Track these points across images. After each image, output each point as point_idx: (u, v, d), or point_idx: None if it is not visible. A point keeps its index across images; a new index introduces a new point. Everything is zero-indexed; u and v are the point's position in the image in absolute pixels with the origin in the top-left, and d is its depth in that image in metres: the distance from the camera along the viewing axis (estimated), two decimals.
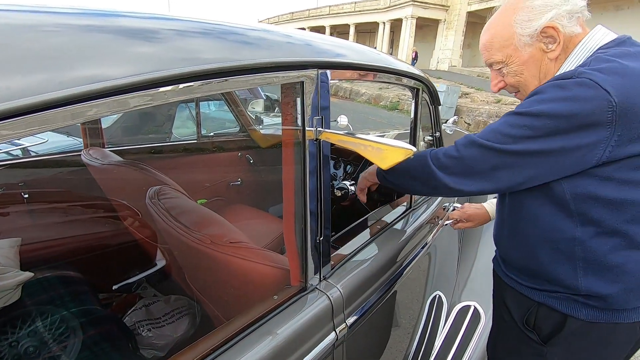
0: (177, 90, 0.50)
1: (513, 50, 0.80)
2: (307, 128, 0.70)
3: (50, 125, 0.39)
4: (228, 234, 0.88)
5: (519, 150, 0.73)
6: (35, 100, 0.37)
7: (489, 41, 0.83)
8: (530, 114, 0.71)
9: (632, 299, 0.76)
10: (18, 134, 0.38)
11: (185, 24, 0.58)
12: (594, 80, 0.66)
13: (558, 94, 0.69)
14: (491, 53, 0.83)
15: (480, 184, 0.79)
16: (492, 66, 0.86)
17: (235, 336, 0.64)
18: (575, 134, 0.68)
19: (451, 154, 0.81)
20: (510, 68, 0.82)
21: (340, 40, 0.93)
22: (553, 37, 0.77)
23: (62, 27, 0.44)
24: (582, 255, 0.76)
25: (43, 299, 1.23)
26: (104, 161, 1.45)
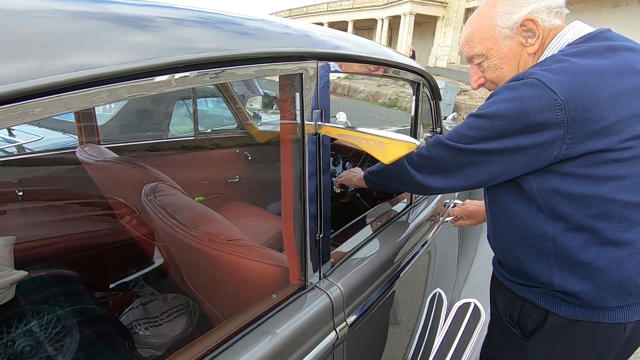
0: (173, 80, 0.49)
1: (494, 43, 0.82)
2: (306, 122, 0.68)
3: (41, 114, 0.38)
4: (225, 232, 0.86)
5: (478, 150, 0.76)
6: (24, 86, 0.36)
7: (470, 34, 0.86)
8: (485, 115, 0.75)
9: (607, 297, 0.75)
10: (6, 123, 0.36)
11: (181, 12, 0.56)
12: (540, 80, 0.69)
13: (508, 94, 0.73)
14: (472, 46, 0.85)
15: (450, 180, 0.83)
16: (473, 60, 0.88)
17: (233, 336, 0.62)
18: (528, 133, 0.71)
19: (423, 153, 0.87)
20: (491, 62, 0.84)
21: (340, 32, 0.90)
22: (532, 30, 0.79)
23: (54, 12, 0.42)
24: (554, 251, 0.77)
25: (38, 298, 1.21)
26: (100, 158, 1.43)
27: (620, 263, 0.72)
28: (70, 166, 1.70)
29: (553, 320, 0.82)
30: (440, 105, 1.38)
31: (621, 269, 0.73)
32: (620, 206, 0.71)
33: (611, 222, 0.72)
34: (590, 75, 0.67)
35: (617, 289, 0.74)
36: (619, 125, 0.67)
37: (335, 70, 0.74)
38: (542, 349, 0.86)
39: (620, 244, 0.72)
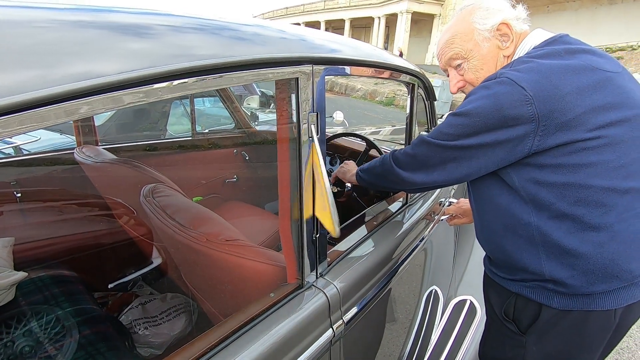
0: (172, 86, 0.50)
1: (474, 45, 0.88)
2: (302, 124, 0.69)
3: (43, 123, 0.39)
4: (224, 232, 0.87)
5: (458, 146, 0.81)
6: (26, 97, 0.37)
7: (450, 38, 0.91)
8: (463, 113, 0.80)
9: (595, 282, 0.78)
10: (9, 133, 0.37)
11: (179, 19, 0.57)
12: (510, 78, 0.75)
13: (483, 93, 0.79)
14: (452, 47, 0.91)
15: (432, 175, 0.88)
16: (451, 63, 0.93)
17: (232, 334, 0.63)
18: (503, 128, 0.76)
19: (407, 152, 0.92)
20: (471, 63, 0.90)
21: (335, 36, 0.92)
22: (507, 35, 0.87)
23: (53, 23, 0.43)
24: (541, 240, 0.80)
25: (37, 299, 1.21)
26: (98, 159, 1.43)
27: (603, 247, 0.76)
28: (68, 167, 1.71)
29: (546, 313, 0.84)
30: (434, 105, 1.39)
31: (604, 252, 0.76)
32: (596, 191, 0.75)
33: (589, 208, 0.76)
34: (553, 73, 0.74)
35: (603, 273, 0.77)
36: (583, 117, 0.72)
37: (331, 73, 0.76)
38: (538, 342, 0.88)
39: (601, 227, 0.76)
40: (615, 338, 0.90)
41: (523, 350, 0.91)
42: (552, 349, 0.88)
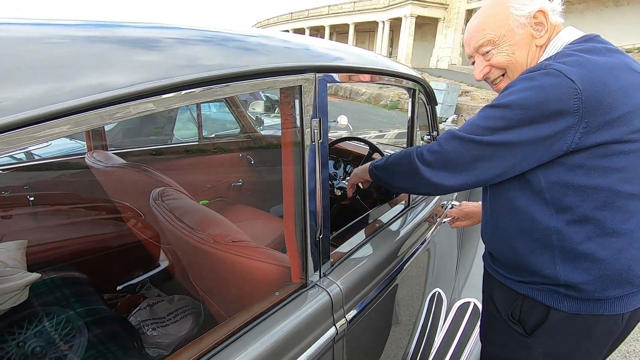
0: (180, 96, 0.52)
1: (507, 31, 0.84)
2: (306, 130, 0.72)
3: (59, 134, 0.41)
4: (230, 234, 0.90)
5: (496, 141, 0.76)
6: (44, 111, 0.39)
7: (482, 23, 0.87)
8: (503, 105, 0.76)
9: (609, 287, 0.77)
10: (27, 143, 0.39)
11: (186, 32, 0.60)
12: (558, 70, 0.72)
13: (526, 84, 0.75)
14: (483, 33, 0.86)
15: (462, 177, 0.82)
16: (479, 50, 0.89)
17: (238, 331, 0.66)
18: (546, 122, 0.72)
19: (434, 149, 0.85)
20: (502, 48, 0.85)
21: (338, 44, 0.95)
22: (542, 24, 0.83)
23: (65, 38, 0.46)
24: (558, 244, 0.79)
25: (50, 300, 1.25)
26: (108, 163, 1.47)
27: (621, 252, 0.75)
28: (79, 171, 1.76)
29: (555, 316, 0.84)
30: (436, 109, 1.42)
31: (622, 258, 0.76)
32: (623, 197, 0.74)
33: (613, 213, 0.74)
34: (600, 69, 0.71)
35: (617, 279, 0.77)
36: (628, 116, 0.71)
37: (333, 81, 0.79)
38: (544, 345, 0.88)
39: (621, 233, 0.75)
40: (618, 340, 0.91)
41: (527, 351, 0.90)
42: (558, 352, 0.87)
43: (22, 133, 0.38)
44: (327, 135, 0.77)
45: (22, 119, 0.38)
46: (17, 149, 0.39)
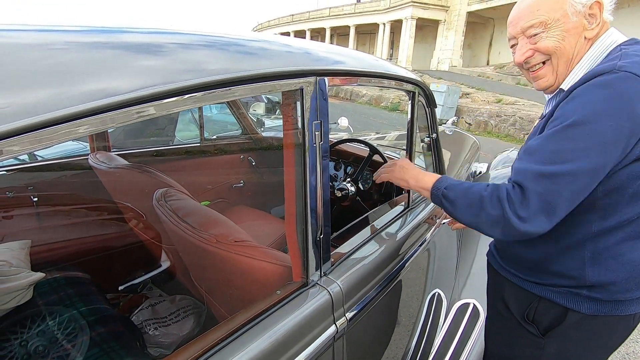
0: (182, 100, 0.53)
1: (562, 15, 0.79)
2: (307, 131, 0.74)
3: (64, 138, 0.42)
4: (233, 234, 0.92)
5: (592, 166, 0.69)
6: (47, 117, 0.40)
7: (537, 2, 0.81)
8: (587, 121, 0.69)
9: (632, 288, 0.79)
10: (30, 148, 0.40)
11: (189, 37, 0.61)
12: (635, 74, 0.67)
13: (605, 93, 0.69)
14: (537, 14, 0.81)
15: (560, 215, 0.73)
16: (529, 32, 0.83)
17: (240, 328, 0.67)
18: (633, 135, 0.68)
19: (524, 197, 0.73)
20: (553, 32, 0.80)
21: (338, 48, 0.96)
22: (595, 16, 0.80)
23: (69, 44, 0.47)
24: (591, 247, 0.79)
25: (53, 299, 1.27)
26: (111, 164, 1.49)
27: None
28: (82, 172, 1.77)
29: (573, 317, 0.84)
30: (435, 112, 1.43)
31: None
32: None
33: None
34: None
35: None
36: None
37: (333, 84, 0.80)
38: (559, 345, 0.87)
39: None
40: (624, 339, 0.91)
41: (540, 351, 0.90)
42: (571, 352, 0.87)
43: (25, 138, 0.39)
44: (328, 137, 0.79)
45: (25, 125, 0.38)
46: (20, 153, 0.40)
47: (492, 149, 5.10)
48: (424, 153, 1.56)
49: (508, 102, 11.65)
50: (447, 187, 0.89)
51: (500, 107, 10.92)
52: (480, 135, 9.45)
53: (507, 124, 9.96)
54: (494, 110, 10.60)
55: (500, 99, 12.07)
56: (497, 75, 16.54)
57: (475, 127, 10.67)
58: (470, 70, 18.65)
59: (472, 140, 3.03)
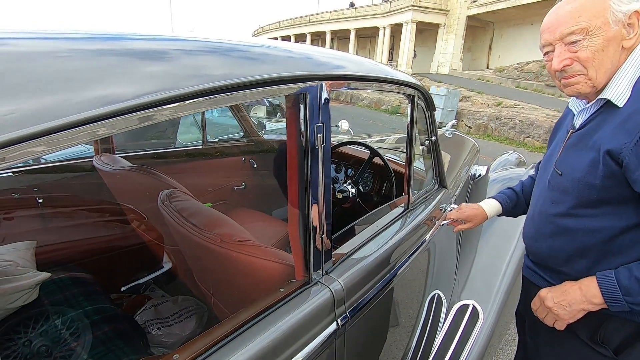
0: (184, 105, 0.54)
1: (603, 23, 0.78)
2: (309, 134, 0.76)
3: (69, 144, 0.43)
4: (236, 234, 0.94)
5: None
6: (53, 124, 0.41)
7: (577, 9, 0.80)
8: None
9: None
10: (37, 154, 0.41)
11: (192, 43, 0.63)
12: None
13: None
14: (578, 20, 0.79)
15: None
16: (568, 38, 0.81)
17: (244, 324, 0.69)
18: None
19: None
20: (592, 41, 0.79)
21: (339, 53, 0.99)
22: (634, 26, 0.80)
23: (74, 52, 0.48)
24: None
25: (59, 298, 1.29)
26: (115, 166, 1.52)
27: None
28: (86, 174, 1.80)
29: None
30: (434, 114, 1.46)
31: None
32: None
33: None
34: None
35: None
36: None
37: (335, 88, 0.83)
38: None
39: None
40: None
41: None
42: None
43: (31, 144, 0.40)
44: (330, 140, 0.82)
45: (31, 132, 0.39)
46: (26, 159, 0.42)
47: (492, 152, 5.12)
48: (424, 156, 1.59)
49: (508, 105, 11.69)
50: (627, 294, 0.79)
51: (500, 110, 10.96)
52: (480, 139, 9.48)
53: (507, 127, 9.99)
54: (494, 114, 10.63)
55: (500, 102, 12.11)
56: (497, 79, 16.60)
57: (475, 130, 10.70)
58: (470, 74, 18.72)
59: (472, 143, 3.05)
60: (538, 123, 9.32)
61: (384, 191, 1.73)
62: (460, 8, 20.40)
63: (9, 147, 0.39)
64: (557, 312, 0.89)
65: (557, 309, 0.89)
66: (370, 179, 1.92)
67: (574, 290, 0.87)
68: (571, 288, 0.88)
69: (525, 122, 9.60)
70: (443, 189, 1.64)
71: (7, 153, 0.39)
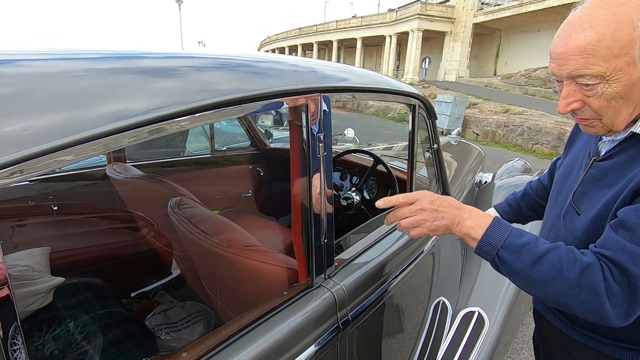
0: (193, 118, 0.57)
1: (626, 64, 0.59)
2: (312, 143, 0.80)
3: (79, 159, 0.46)
4: (243, 239, 0.98)
5: None
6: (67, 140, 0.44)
7: (593, 43, 0.59)
8: None
9: None
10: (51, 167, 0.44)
11: (202, 60, 0.67)
12: None
13: None
14: (591, 61, 0.60)
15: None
16: (579, 80, 0.64)
17: (249, 325, 0.72)
18: None
19: (628, 291, 0.61)
20: (613, 87, 0.61)
21: (343, 66, 1.03)
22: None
23: (88, 71, 0.52)
24: None
25: (72, 303, 1.33)
26: (127, 175, 1.57)
27: None
28: (99, 182, 1.86)
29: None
30: (436, 124, 1.49)
31: None
32: None
33: None
34: None
35: None
36: None
37: (337, 99, 0.87)
38: None
39: None
40: None
41: None
42: None
43: (46, 159, 0.43)
44: (331, 148, 0.85)
45: (48, 147, 0.42)
46: (44, 171, 0.44)
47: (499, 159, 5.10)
48: (427, 163, 1.61)
49: (516, 112, 11.63)
50: (504, 246, 0.70)
51: (508, 117, 10.91)
52: (488, 146, 9.44)
53: (515, 134, 9.94)
54: (502, 121, 10.59)
55: (507, 109, 12.06)
56: (505, 86, 16.55)
57: (483, 137, 10.65)
58: (477, 81, 18.69)
59: (477, 150, 3.06)
60: (547, 130, 9.26)
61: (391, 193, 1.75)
62: (466, 16, 20.47)
63: (26, 162, 0.42)
64: (420, 213, 0.76)
65: (421, 212, 0.75)
66: (375, 186, 1.94)
67: (458, 213, 0.75)
68: (458, 209, 0.76)
69: (534, 128, 9.54)
70: None
71: (24, 166, 0.42)
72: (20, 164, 0.41)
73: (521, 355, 2.19)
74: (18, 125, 0.42)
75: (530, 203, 1.18)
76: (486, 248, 0.71)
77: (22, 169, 0.42)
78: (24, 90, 0.45)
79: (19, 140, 0.41)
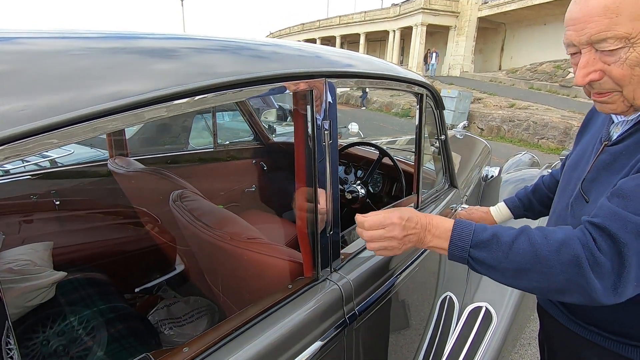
0: (192, 101, 0.55)
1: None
2: (316, 132, 0.77)
3: (78, 138, 0.44)
4: (246, 232, 0.95)
5: None
6: (65, 117, 0.42)
7: (615, 3, 0.56)
8: None
9: None
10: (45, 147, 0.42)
11: (202, 42, 0.65)
12: None
13: None
14: (615, 21, 0.56)
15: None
16: (600, 45, 0.60)
17: (254, 318, 0.70)
18: None
19: (618, 257, 0.57)
20: (637, 52, 0.57)
21: (348, 52, 1.00)
22: None
23: (87, 50, 0.50)
24: None
25: (75, 298, 1.32)
26: (130, 169, 1.55)
27: None
28: (102, 178, 1.85)
29: None
30: (444, 114, 1.45)
31: None
32: None
33: None
34: None
35: None
36: None
37: (342, 85, 0.83)
38: None
39: None
40: None
41: None
42: None
43: (43, 138, 0.41)
44: (337, 137, 0.82)
45: (43, 125, 0.41)
46: (39, 150, 0.42)
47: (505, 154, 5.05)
48: (434, 156, 1.58)
49: (521, 106, 11.51)
50: (473, 245, 0.67)
51: (513, 112, 10.80)
52: (493, 140, 9.35)
53: (521, 128, 9.84)
54: (507, 115, 10.49)
55: (513, 104, 11.94)
56: (510, 80, 16.38)
57: (488, 132, 10.56)
58: (482, 76, 18.52)
59: (483, 144, 3.02)
60: (553, 124, 9.15)
61: (393, 192, 1.73)
62: (471, 10, 20.25)
63: (22, 140, 0.40)
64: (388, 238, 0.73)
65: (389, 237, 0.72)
66: (380, 179, 1.91)
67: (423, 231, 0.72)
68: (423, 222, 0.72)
69: (540, 123, 9.44)
70: (453, 189, 1.62)
71: (20, 145, 0.40)
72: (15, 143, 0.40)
73: (529, 351, 2.16)
74: (16, 104, 0.40)
75: (541, 197, 1.15)
76: (457, 252, 0.69)
77: (17, 148, 0.40)
78: (21, 68, 0.43)
79: (16, 120, 0.40)
